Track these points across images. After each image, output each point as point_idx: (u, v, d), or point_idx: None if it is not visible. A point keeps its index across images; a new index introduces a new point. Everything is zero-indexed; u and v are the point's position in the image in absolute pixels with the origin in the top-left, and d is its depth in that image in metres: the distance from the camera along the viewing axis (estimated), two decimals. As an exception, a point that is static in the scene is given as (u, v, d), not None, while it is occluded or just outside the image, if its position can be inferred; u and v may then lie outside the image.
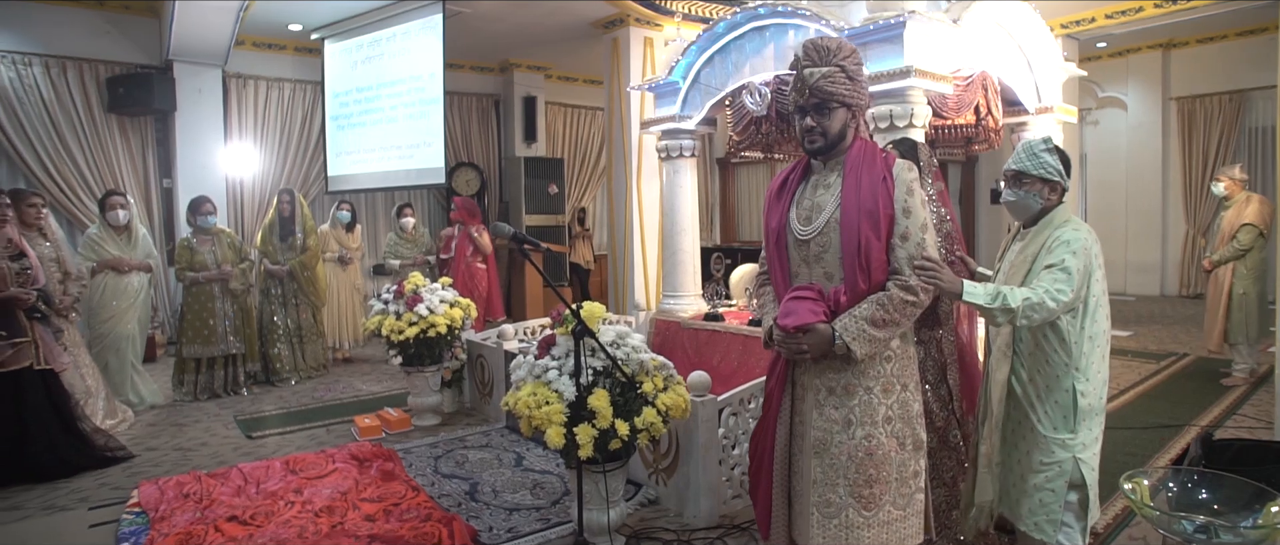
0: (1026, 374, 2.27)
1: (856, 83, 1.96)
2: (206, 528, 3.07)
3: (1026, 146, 2.27)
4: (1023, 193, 2.27)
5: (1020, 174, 2.27)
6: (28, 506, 3.54)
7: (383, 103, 7.90)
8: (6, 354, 3.80)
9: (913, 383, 2.01)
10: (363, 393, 5.73)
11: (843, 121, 1.96)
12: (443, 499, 3.45)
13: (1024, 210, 2.30)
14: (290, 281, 6.12)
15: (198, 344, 5.47)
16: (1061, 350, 2.20)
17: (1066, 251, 2.14)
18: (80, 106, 7.19)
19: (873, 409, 1.94)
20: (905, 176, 1.95)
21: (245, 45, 8.00)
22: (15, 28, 6.91)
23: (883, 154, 1.98)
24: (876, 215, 1.90)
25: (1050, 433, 2.21)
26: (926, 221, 1.96)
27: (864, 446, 1.93)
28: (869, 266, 1.91)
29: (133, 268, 5.27)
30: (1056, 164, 2.24)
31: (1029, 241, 2.28)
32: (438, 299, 4.66)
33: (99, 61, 7.29)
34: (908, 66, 3.74)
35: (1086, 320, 2.19)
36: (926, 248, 1.93)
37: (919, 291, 1.91)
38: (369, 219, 9.17)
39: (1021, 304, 2.06)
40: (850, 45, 1.98)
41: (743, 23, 4.63)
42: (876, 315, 1.89)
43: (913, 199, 1.94)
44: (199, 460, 4.14)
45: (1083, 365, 2.20)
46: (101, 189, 7.07)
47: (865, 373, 1.95)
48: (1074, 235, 2.17)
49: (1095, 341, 2.21)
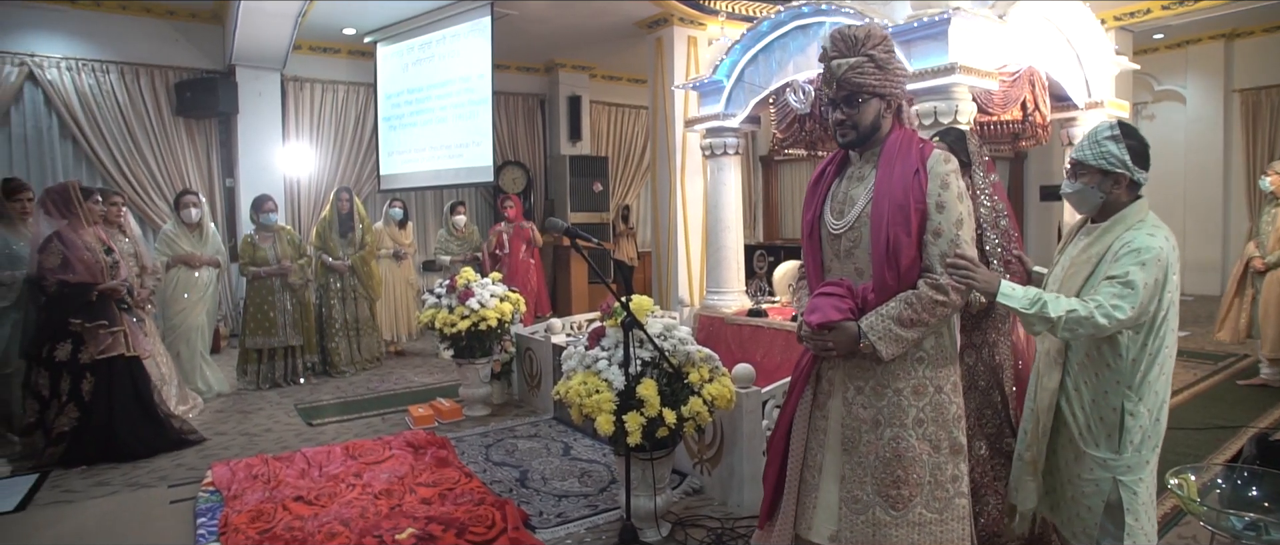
0: (1072, 383, 2.05)
1: (887, 72, 1.86)
2: (275, 506, 3.25)
3: (1092, 132, 2.00)
4: (1080, 185, 2.01)
5: (1079, 164, 2.01)
6: (114, 482, 3.80)
7: (433, 103, 8.13)
8: (105, 342, 4.08)
9: (949, 385, 1.91)
10: (415, 384, 5.93)
11: (875, 112, 1.89)
12: (494, 485, 3.58)
13: (1085, 203, 2.03)
14: (350, 276, 6.36)
15: (259, 336, 5.74)
16: (1115, 365, 1.95)
17: (1134, 262, 1.86)
18: (151, 110, 7.57)
19: (902, 410, 1.87)
20: (940, 169, 1.84)
21: (302, 49, 8.31)
22: (94, 37, 7.32)
23: (920, 145, 1.88)
24: (907, 210, 1.81)
25: (1091, 450, 2.00)
26: (962, 217, 1.84)
27: (892, 448, 1.87)
28: (898, 263, 1.83)
29: (203, 263, 5.55)
30: (1120, 153, 1.93)
31: (1095, 240, 2.01)
32: (488, 293, 4.81)
33: (168, 67, 7.67)
34: (952, 63, 3.75)
35: (1150, 336, 1.92)
36: (960, 245, 1.83)
37: (950, 291, 1.81)
38: (419, 217, 9.43)
39: (1064, 315, 1.84)
40: (880, 32, 1.88)
41: (786, 21, 4.67)
42: (904, 314, 1.81)
43: (947, 193, 1.83)
44: (264, 445, 4.36)
45: (1137, 383, 1.94)
46: (171, 188, 7.44)
47: (895, 373, 1.88)
48: (1148, 242, 1.87)
49: (1157, 359, 1.94)
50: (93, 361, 4.05)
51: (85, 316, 4.04)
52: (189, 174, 7.77)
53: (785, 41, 4.80)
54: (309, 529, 3.00)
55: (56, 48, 7.19)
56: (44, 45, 7.14)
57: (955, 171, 1.86)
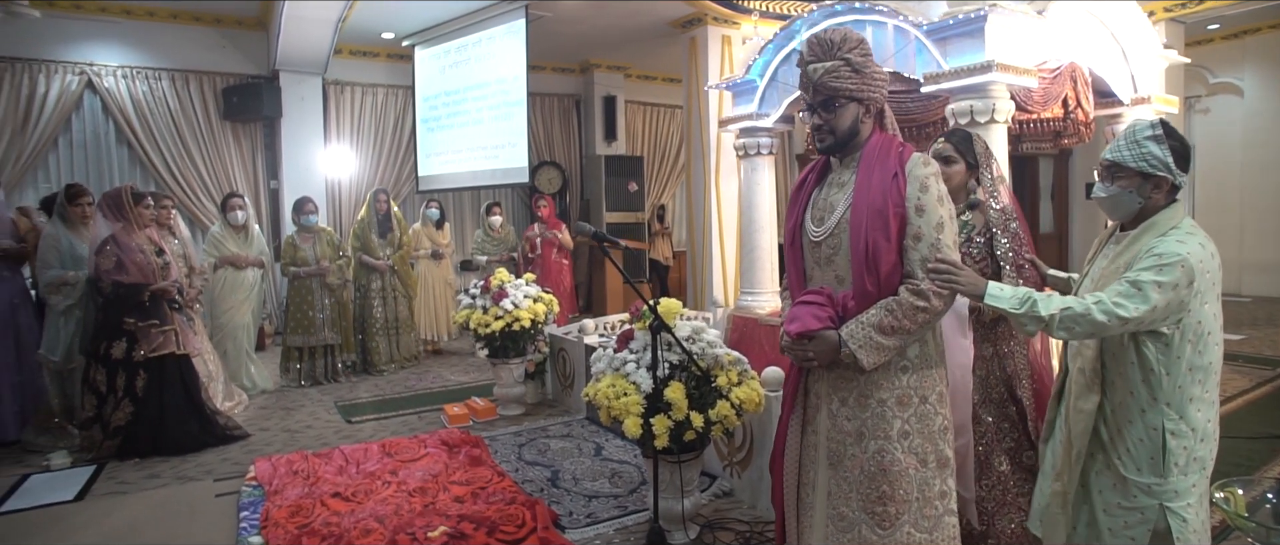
0: (1110, 405, 1.90)
1: (863, 75, 1.83)
2: (314, 502, 3.35)
3: (1129, 131, 1.85)
4: (1116, 189, 1.85)
5: (1114, 166, 1.85)
6: (164, 475, 3.95)
7: (469, 105, 8.24)
8: (157, 340, 4.25)
9: (935, 395, 1.86)
10: (451, 383, 6.02)
11: (853, 117, 1.86)
12: (526, 484, 3.63)
13: (1119, 210, 1.88)
14: (390, 276, 6.49)
15: (299, 334, 5.90)
16: (1144, 384, 1.82)
17: (1151, 263, 1.74)
18: (200, 115, 7.83)
19: (886, 422, 1.82)
20: (919, 172, 1.80)
21: (342, 54, 8.50)
22: (147, 46, 7.60)
23: (900, 148, 1.85)
24: (885, 215, 1.77)
25: (1133, 475, 1.84)
26: (943, 220, 1.79)
27: (877, 461, 1.82)
28: (878, 269, 1.79)
29: (249, 263, 5.73)
30: (1163, 155, 1.79)
31: (1124, 248, 1.87)
32: (522, 294, 4.87)
33: (216, 73, 7.92)
34: (989, 61, 3.68)
35: (1186, 348, 1.78)
36: (942, 248, 1.78)
37: (931, 296, 1.76)
38: (456, 217, 9.57)
39: (1058, 313, 1.75)
40: (856, 36, 1.85)
41: (820, 19, 4.63)
42: (884, 322, 1.76)
43: (927, 196, 1.78)
44: (305, 441, 4.48)
45: (1176, 401, 1.79)
46: (219, 190, 7.68)
47: (878, 383, 1.83)
48: (1174, 248, 1.74)
49: (1198, 373, 1.79)
50: (145, 359, 4.22)
51: (139, 316, 4.21)
52: (235, 176, 8.02)
53: (818, 40, 4.75)
54: (345, 525, 3.08)
55: (113, 57, 7.48)
56: (102, 55, 7.43)
57: (936, 174, 1.82)
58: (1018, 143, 5.41)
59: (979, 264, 2.38)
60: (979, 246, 2.40)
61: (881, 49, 4.29)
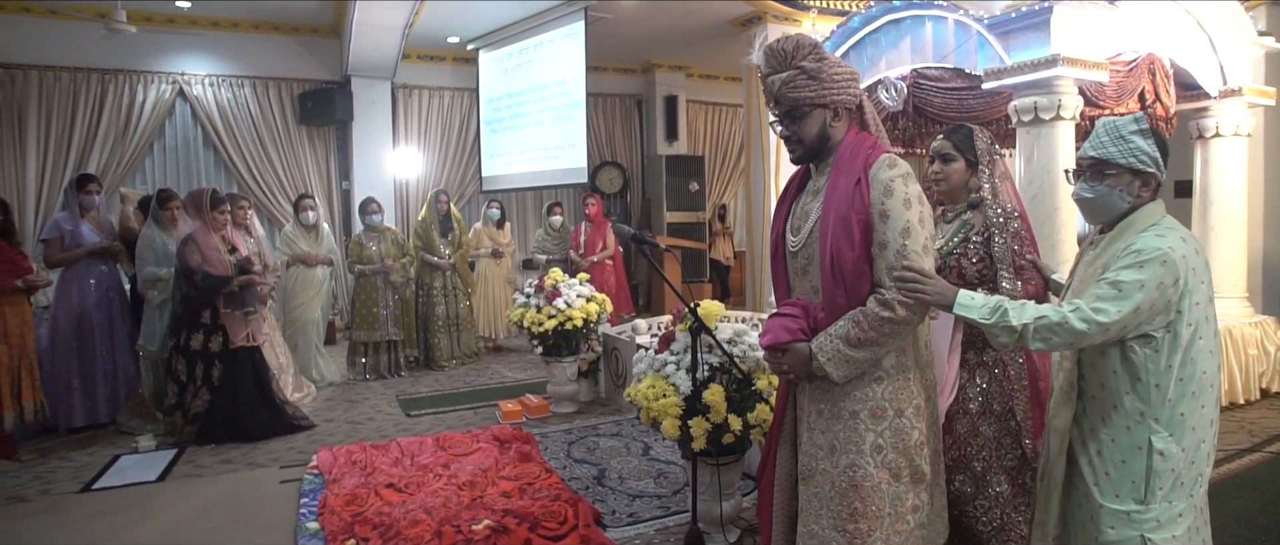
0: (1089, 422, 1.76)
1: (821, 80, 1.77)
2: (369, 491, 3.48)
3: (1110, 127, 1.72)
4: (1104, 188, 1.72)
5: (1102, 163, 1.71)
6: (236, 461, 4.18)
7: (531, 107, 8.39)
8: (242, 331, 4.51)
9: (911, 408, 1.78)
10: (508, 379, 6.15)
11: (820, 124, 1.81)
12: (572, 482, 3.68)
13: (1104, 211, 1.75)
14: (452, 273, 6.68)
15: (364, 329, 6.15)
16: (1133, 393, 1.67)
17: (1130, 261, 1.62)
18: (278, 119, 8.24)
19: (859, 436, 1.76)
20: (882, 175, 1.72)
21: (410, 58, 8.78)
22: (232, 55, 8.05)
23: (868, 150, 1.78)
24: (849, 221, 1.72)
25: (1111, 502, 1.69)
26: (909, 225, 1.70)
27: (848, 477, 1.76)
28: (844, 279, 1.74)
29: (318, 261, 5.99)
30: (1151, 151, 1.68)
31: (1102, 250, 1.75)
32: (575, 294, 4.93)
33: (293, 79, 8.31)
34: (1054, 55, 3.52)
35: (1175, 356, 1.64)
36: (908, 255, 1.70)
37: (897, 306, 1.69)
38: (519, 217, 9.76)
39: (1031, 322, 1.62)
40: (809, 42, 1.80)
41: (877, 16, 4.52)
42: (851, 333, 1.72)
43: (891, 200, 1.71)
44: (365, 433, 4.66)
45: (1166, 416, 1.65)
46: (295, 190, 8.06)
47: (850, 396, 1.78)
48: (1153, 243, 1.62)
49: (1190, 385, 1.66)
50: (221, 350, 4.48)
51: (232, 305, 4.50)
52: (310, 178, 8.39)
53: (877, 37, 4.64)
54: (396, 515, 3.19)
55: (201, 66, 7.95)
56: (192, 64, 7.91)
57: (904, 176, 1.73)
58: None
59: (978, 266, 2.28)
60: (976, 247, 2.29)
61: (941, 44, 4.16)
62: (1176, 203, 9.14)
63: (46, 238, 4.72)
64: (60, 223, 4.72)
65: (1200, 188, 4.88)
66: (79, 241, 4.68)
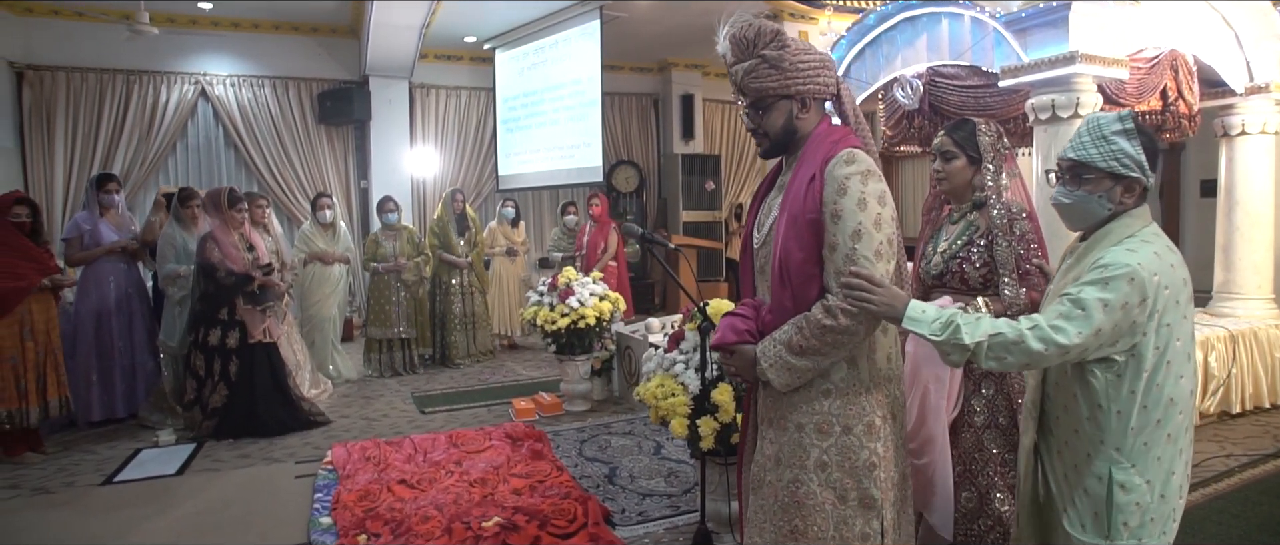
0: (1055, 443, 1.63)
1: (783, 70, 1.66)
2: (382, 487, 3.51)
3: (1092, 125, 1.57)
4: (1082, 193, 1.57)
5: (1080, 166, 1.56)
6: (253, 456, 4.24)
7: (546, 106, 8.42)
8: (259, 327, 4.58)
9: (861, 426, 1.64)
10: (522, 377, 6.18)
11: (784, 115, 1.70)
12: (583, 480, 3.69)
13: (1082, 218, 1.60)
14: (469, 272, 6.72)
15: (378, 327, 6.21)
16: (1091, 421, 1.54)
17: (1095, 277, 1.47)
18: (297, 119, 8.33)
19: (803, 450, 1.65)
20: (837, 172, 1.59)
21: (428, 58, 8.84)
22: (252, 55, 8.15)
23: (830, 144, 1.66)
24: (800, 221, 1.61)
25: (1078, 533, 1.57)
26: (861, 228, 1.56)
27: (790, 492, 1.66)
28: (791, 281, 1.63)
29: (335, 260, 6.06)
30: (1135, 153, 1.52)
31: (1076, 261, 1.62)
32: (588, 293, 4.94)
33: (312, 79, 8.40)
34: (1072, 51, 3.47)
35: (1138, 382, 1.50)
36: (857, 259, 1.56)
37: (840, 314, 1.55)
38: (535, 215, 9.79)
39: (985, 340, 1.48)
40: (770, 30, 1.68)
41: (893, 14, 4.48)
42: (794, 341, 1.60)
43: (844, 199, 1.57)
44: (380, 429, 4.71)
45: (1128, 446, 1.51)
46: (314, 189, 8.14)
47: (797, 407, 1.66)
48: (1121, 257, 1.47)
49: (1155, 413, 1.51)
50: (239, 346, 4.55)
51: (251, 302, 4.57)
52: (328, 176, 8.48)
53: (893, 35, 4.60)
54: (407, 511, 3.21)
55: (223, 67, 8.06)
56: (214, 65, 8.02)
57: (862, 173, 1.59)
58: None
59: (981, 270, 2.20)
60: (979, 251, 2.21)
61: (958, 42, 4.12)
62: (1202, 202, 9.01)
63: (67, 236, 4.81)
64: (80, 222, 4.81)
65: (1225, 187, 4.78)
66: (98, 240, 4.76)
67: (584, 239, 7.00)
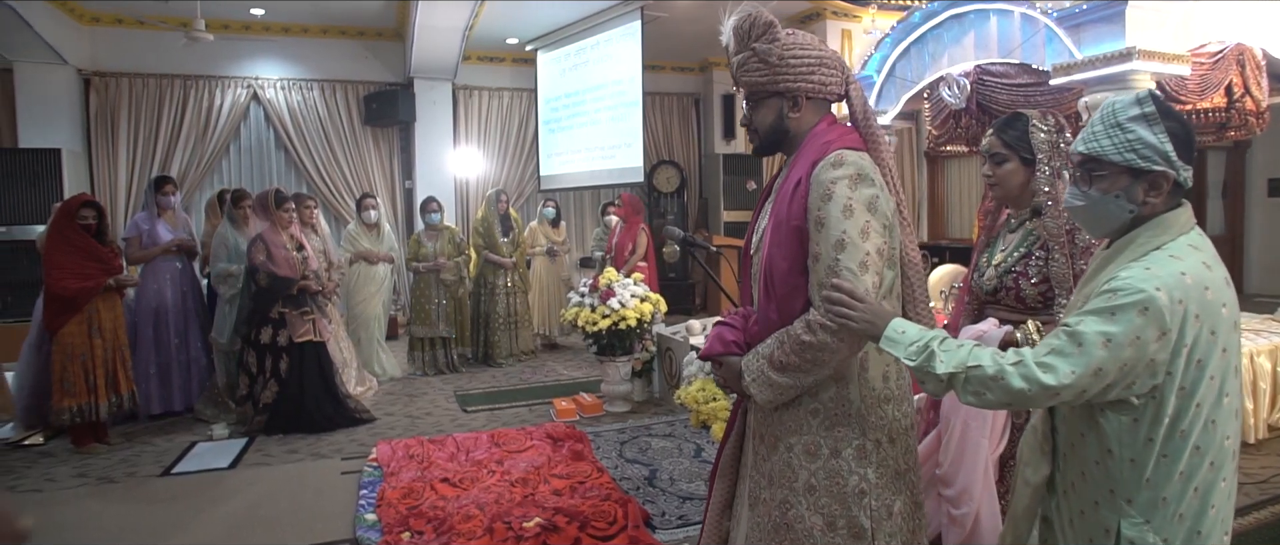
0: (1063, 481, 1.41)
1: (773, 65, 1.56)
2: (425, 485, 3.57)
3: (1106, 112, 1.31)
4: (1096, 194, 1.31)
5: (1092, 161, 1.31)
6: (301, 451, 4.35)
7: (588, 106, 8.46)
8: (303, 327, 4.70)
9: (851, 450, 1.53)
10: (563, 377, 6.22)
11: (775, 113, 1.61)
12: (623, 482, 3.69)
13: (1102, 223, 1.34)
14: (513, 271, 6.79)
15: (420, 325, 6.33)
16: (1100, 465, 1.31)
17: (1102, 304, 1.22)
18: (344, 121, 8.53)
19: (792, 471, 1.57)
20: (823, 177, 1.48)
21: (471, 59, 8.96)
22: (302, 59, 8.37)
23: (822, 145, 1.54)
24: (784, 227, 1.53)
25: None
26: (845, 238, 1.44)
27: (780, 513, 1.58)
28: (775, 293, 1.55)
29: (380, 259, 6.18)
30: (1158, 141, 1.24)
31: (1093, 274, 1.37)
32: (629, 294, 4.95)
33: (359, 82, 8.59)
34: (1129, 48, 3.35)
35: (1158, 429, 1.24)
36: (840, 271, 1.44)
37: (818, 329, 1.45)
38: (577, 216, 9.84)
39: (962, 371, 1.28)
40: (765, 21, 1.56)
41: (940, 11, 4.39)
42: (775, 356, 1.51)
43: (828, 206, 1.46)
44: (423, 427, 4.79)
45: (1142, 500, 1.27)
46: (360, 189, 8.33)
47: (787, 425, 1.58)
48: (1137, 280, 1.21)
49: (1177, 464, 1.25)
50: (288, 345, 4.67)
51: (291, 305, 4.67)
52: (374, 177, 8.66)
53: (939, 33, 4.51)
54: (449, 509, 3.26)
55: (273, 70, 8.29)
56: (265, 69, 8.26)
57: (850, 178, 1.47)
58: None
59: (1039, 286, 1.97)
60: (1038, 264, 1.97)
61: (1007, 39, 4.01)
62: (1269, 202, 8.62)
63: (127, 236, 5.01)
64: (139, 222, 5.01)
65: (1294, 187, 4.56)
66: (156, 240, 4.94)
67: (613, 240, 7.00)
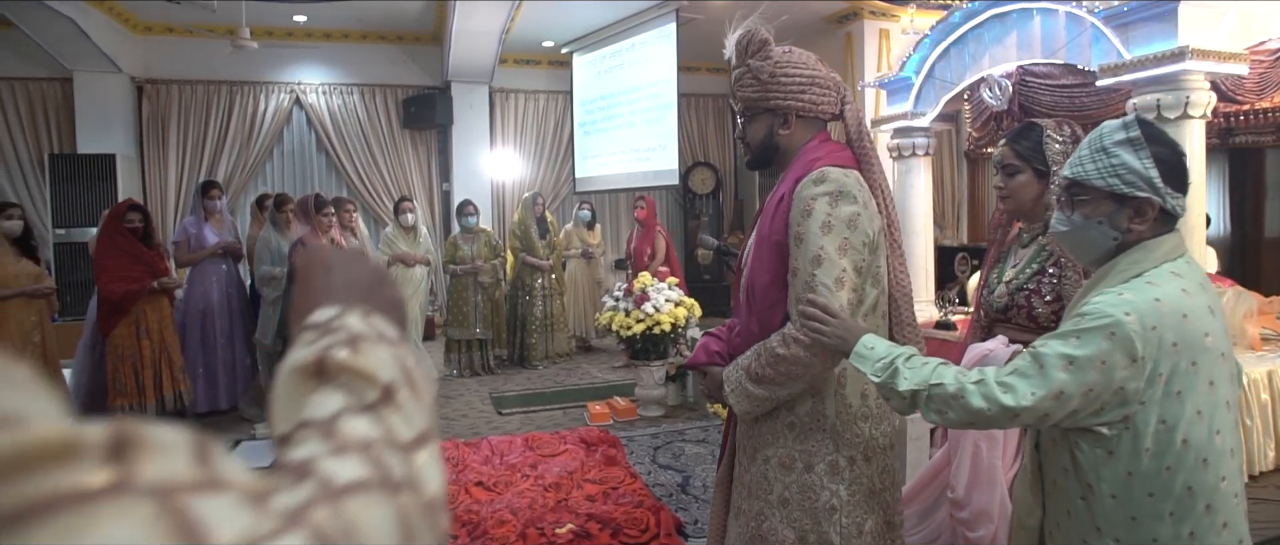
0: (1052, 516, 1.36)
1: (764, 82, 1.59)
2: (459, 489, 3.60)
3: (1094, 136, 1.28)
4: (1078, 219, 1.28)
5: (1076, 186, 1.28)
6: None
7: (623, 109, 8.46)
8: None
9: (824, 465, 1.54)
10: (598, 380, 6.23)
11: (765, 129, 1.64)
12: (656, 488, 3.68)
13: (1085, 249, 1.31)
14: (549, 274, 6.83)
15: (457, 327, 6.40)
16: (1084, 501, 1.26)
17: (1069, 327, 1.21)
18: (383, 124, 8.67)
19: (768, 483, 1.59)
20: (804, 193, 1.50)
21: (507, 63, 9.03)
22: (342, 64, 8.53)
23: (808, 162, 1.56)
24: (766, 242, 1.57)
25: None
26: (823, 254, 1.46)
27: (756, 524, 1.61)
28: (756, 306, 1.59)
29: (416, 262, 6.26)
30: (1142, 167, 1.22)
31: (1077, 299, 1.35)
32: (663, 298, 4.93)
33: (397, 86, 8.72)
34: (1181, 47, 3.23)
35: (1137, 461, 1.19)
36: (816, 287, 1.46)
37: (791, 343, 1.47)
38: (612, 218, 9.86)
39: (924, 389, 1.26)
40: (759, 38, 1.60)
41: (981, 11, 4.29)
42: (753, 368, 1.54)
43: (808, 222, 1.48)
44: (459, 429, 4.84)
45: (1129, 539, 1.22)
46: (399, 192, 8.45)
47: (764, 438, 1.60)
48: (1108, 305, 1.18)
49: (1165, 503, 1.19)
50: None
51: None
52: (412, 180, 8.78)
53: (980, 33, 4.40)
54: (483, 514, 3.29)
55: (315, 76, 8.47)
56: (307, 74, 8.44)
57: (831, 195, 1.49)
58: (1228, 136, 4.71)
59: (1051, 305, 1.90)
60: (1051, 282, 1.89)
61: (1051, 39, 3.90)
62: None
63: (176, 240, 5.16)
64: (187, 226, 5.16)
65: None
66: (203, 243, 5.09)
67: (630, 245, 6.96)
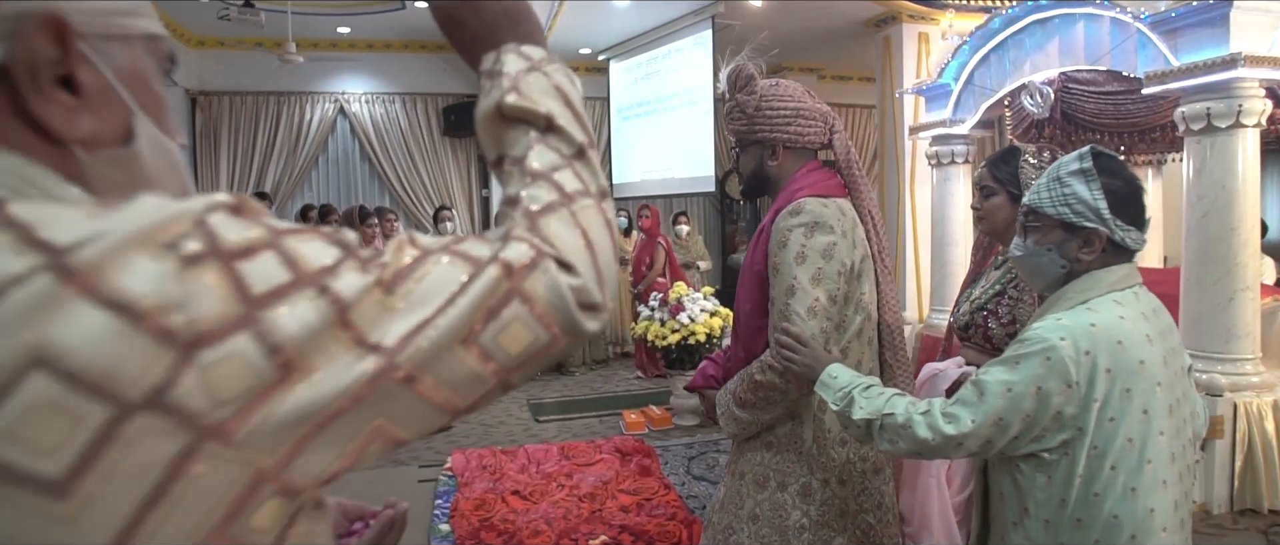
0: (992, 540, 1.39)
1: (750, 116, 1.66)
2: (496, 497, 3.67)
3: (1054, 166, 1.33)
4: (1031, 246, 1.32)
5: (1032, 213, 1.33)
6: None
7: (659, 115, 8.49)
8: None
9: (796, 486, 1.60)
10: (635, 388, 6.27)
11: (755, 159, 1.71)
12: (689, 500, 3.70)
13: (1038, 276, 1.35)
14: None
15: (496, 334, 6.47)
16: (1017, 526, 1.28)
17: (1008, 354, 1.24)
18: (424, 132, 8.84)
19: (740, 498, 1.66)
20: (783, 224, 1.57)
21: (546, 71, 9.12)
22: (385, 73, 8.73)
23: (792, 192, 1.62)
24: (748, 272, 1.66)
25: None
26: (796, 284, 1.52)
27: (724, 538, 1.67)
28: (741, 333, 1.69)
29: (456, 269, 6.39)
30: (1091, 198, 1.24)
31: (1025, 326, 1.37)
32: (698, 308, 4.95)
33: (438, 94, 8.89)
34: (1234, 54, 3.13)
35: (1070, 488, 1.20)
36: (789, 316, 1.52)
37: (767, 370, 1.55)
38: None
39: (878, 418, 1.29)
40: (747, 73, 1.66)
41: (1021, 16, 4.21)
42: (737, 392, 1.62)
43: (783, 254, 1.55)
44: (496, 436, 4.91)
45: None
46: (438, 199, 8.61)
47: (743, 455, 1.69)
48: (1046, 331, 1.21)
49: (1092, 531, 1.19)
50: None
51: None
52: (452, 186, 8.93)
53: (1021, 38, 4.32)
54: (519, 523, 3.34)
55: (359, 85, 8.68)
56: (351, 84, 8.65)
57: (806, 226, 1.55)
58: None
59: (1007, 328, 1.89)
60: (1007, 304, 1.90)
61: (1095, 45, 3.81)
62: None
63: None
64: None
65: None
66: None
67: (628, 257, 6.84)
